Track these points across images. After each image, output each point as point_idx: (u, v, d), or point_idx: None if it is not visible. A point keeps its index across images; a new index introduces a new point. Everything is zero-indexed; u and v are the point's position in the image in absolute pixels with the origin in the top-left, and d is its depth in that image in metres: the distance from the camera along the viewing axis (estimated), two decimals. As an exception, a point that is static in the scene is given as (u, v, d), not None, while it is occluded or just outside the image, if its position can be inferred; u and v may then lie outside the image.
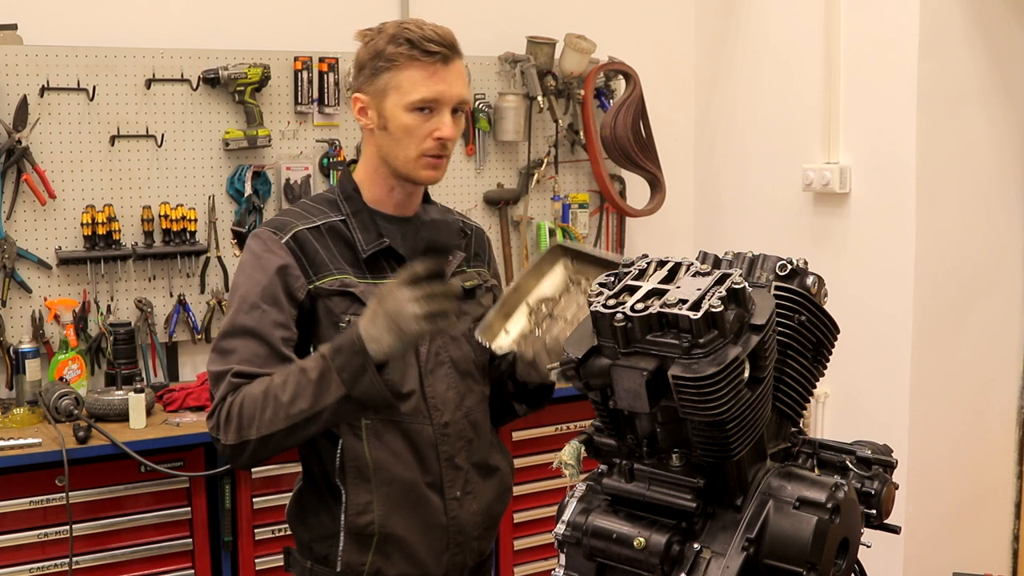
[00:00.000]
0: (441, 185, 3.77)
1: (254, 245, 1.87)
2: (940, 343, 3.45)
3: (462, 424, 1.93)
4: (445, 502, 1.91)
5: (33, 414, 2.96)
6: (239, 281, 1.87)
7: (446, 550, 1.93)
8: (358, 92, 1.90)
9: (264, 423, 1.73)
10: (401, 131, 1.85)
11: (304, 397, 1.70)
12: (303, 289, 1.84)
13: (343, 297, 1.85)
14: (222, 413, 1.77)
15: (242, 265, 1.88)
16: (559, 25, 3.88)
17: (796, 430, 1.33)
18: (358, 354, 1.68)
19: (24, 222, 3.18)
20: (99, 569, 2.81)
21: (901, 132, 3.35)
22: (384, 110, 1.86)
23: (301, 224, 1.88)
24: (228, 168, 3.45)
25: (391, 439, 1.87)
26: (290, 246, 1.85)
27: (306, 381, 1.71)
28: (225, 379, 1.78)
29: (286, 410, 1.71)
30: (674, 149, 4.20)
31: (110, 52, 3.26)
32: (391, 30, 1.86)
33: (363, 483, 1.86)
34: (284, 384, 1.73)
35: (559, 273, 1.90)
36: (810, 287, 1.29)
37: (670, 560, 1.18)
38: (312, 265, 1.86)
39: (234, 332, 1.82)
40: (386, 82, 1.85)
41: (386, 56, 1.84)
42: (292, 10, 3.53)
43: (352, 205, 1.92)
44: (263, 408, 1.73)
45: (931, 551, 3.45)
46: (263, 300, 1.82)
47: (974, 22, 3.39)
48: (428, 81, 1.84)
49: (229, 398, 1.77)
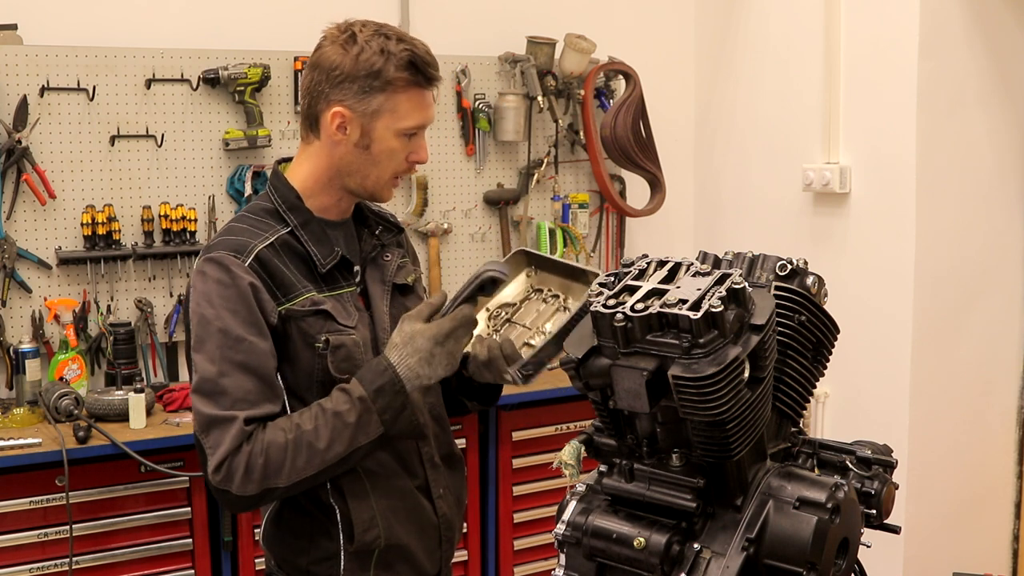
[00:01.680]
0: (441, 185, 3.80)
1: (215, 272, 1.73)
2: (940, 343, 3.45)
3: (429, 421, 1.92)
4: (433, 502, 1.91)
5: (33, 414, 2.97)
6: (209, 314, 1.71)
7: (439, 548, 1.94)
8: (340, 106, 1.76)
9: (296, 470, 1.67)
10: (384, 154, 1.79)
11: (341, 441, 1.69)
12: (274, 313, 1.74)
13: (316, 316, 1.77)
14: (238, 464, 1.65)
15: (206, 294, 1.72)
16: (559, 25, 3.88)
17: (796, 430, 1.33)
18: (399, 394, 1.70)
19: (24, 222, 3.18)
20: (99, 569, 2.82)
21: (901, 132, 3.35)
22: (372, 131, 1.78)
23: (258, 243, 1.76)
24: (228, 168, 3.45)
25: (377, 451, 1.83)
26: (254, 268, 1.74)
27: (342, 425, 1.69)
28: (232, 427, 1.66)
29: (322, 456, 1.68)
30: (674, 149, 4.20)
31: (110, 52, 3.26)
32: (382, 45, 1.75)
33: (363, 499, 1.82)
34: (316, 431, 1.68)
35: (521, 280, 1.90)
36: (810, 287, 1.29)
37: (670, 560, 1.18)
38: (280, 287, 1.76)
39: (223, 370, 1.69)
40: (380, 104, 1.76)
41: (385, 78, 1.75)
42: (292, 10, 3.53)
43: (299, 216, 1.81)
44: (294, 456, 1.67)
45: (931, 551, 3.45)
46: (247, 332, 1.71)
47: (974, 22, 3.39)
48: (423, 107, 1.80)
49: (245, 447, 1.66)
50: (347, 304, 1.84)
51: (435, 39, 3.74)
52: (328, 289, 1.82)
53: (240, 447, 1.66)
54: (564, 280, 1.88)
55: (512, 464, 3.35)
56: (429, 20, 3.72)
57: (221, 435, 1.66)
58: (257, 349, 1.71)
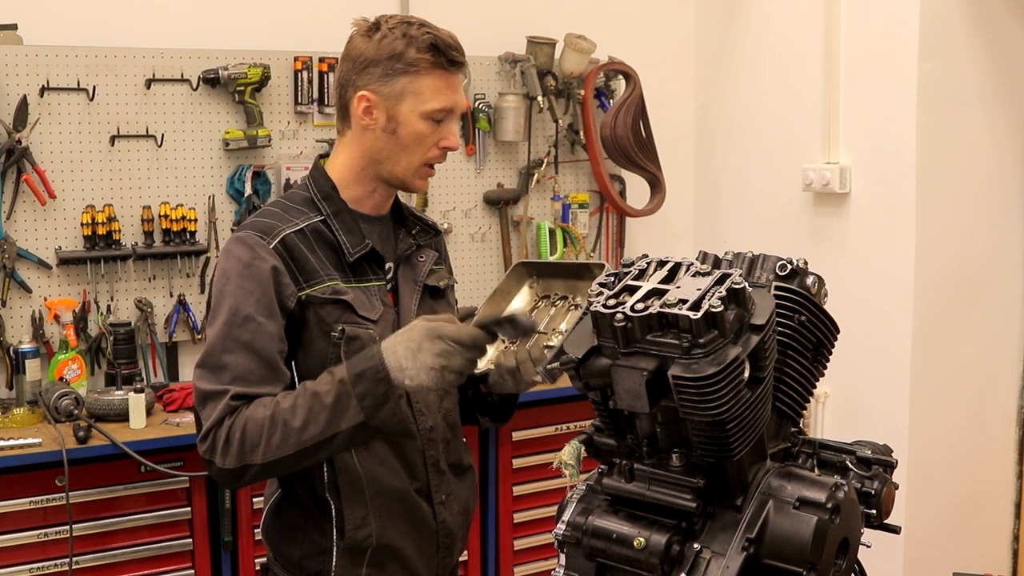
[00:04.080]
0: (441, 185, 3.79)
1: (239, 251, 1.76)
2: (940, 343, 3.45)
3: (442, 426, 1.92)
4: (433, 507, 1.90)
5: (33, 414, 2.97)
6: (226, 289, 1.75)
7: (436, 554, 1.92)
8: (366, 90, 1.80)
9: (271, 448, 1.66)
10: (412, 138, 1.80)
11: (317, 423, 1.64)
12: (293, 297, 1.76)
13: (335, 305, 1.78)
14: (219, 436, 1.68)
15: (226, 272, 1.76)
16: (559, 25, 3.88)
17: (796, 430, 1.33)
18: (382, 382, 1.62)
19: (24, 222, 3.18)
20: (99, 569, 2.82)
21: (901, 132, 3.35)
22: (397, 114, 1.79)
23: (286, 227, 1.79)
24: (228, 168, 3.45)
25: (379, 449, 1.83)
26: (279, 251, 1.76)
27: (320, 406, 1.64)
28: (222, 401, 1.69)
29: (297, 436, 1.65)
30: (674, 149, 4.20)
31: (110, 52, 3.26)
32: (404, 30, 1.79)
33: (358, 496, 1.82)
34: (294, 408, 1.66)
35: (525, 292, 1.89)
36: (810, 287, 1.29)
37: (670, 560, 1.18)
38: (302, 272, 1.78)
39: (227, 347, 1.71)
40: (404, 86, 1.78)
41: (407, 60, 1.77)
42: (292, 10, 3.53)
43: (332, 205, 1.84)
44: (270, 433, 1.65)
45: (931, 551, 3.45)
46: (257, 312, 1.72)
47: (974, 22, 3.39)
48: (447, 90, 1.80)
49: (227, 420, 1.68)
50: (373, 297, 1.84)
51: (435, 39, 3.77)
52: (355, 280, 1.83)
53: (223, 420, 1.68)
54: (568, 281, 1.87)
55: (512, 464, 3.35)
56: (429, 20, 3.71)
57: (212, 408, 1.70)
58: (264, 331, 1.72)
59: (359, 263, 1.84)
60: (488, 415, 2.00)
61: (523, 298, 1.87)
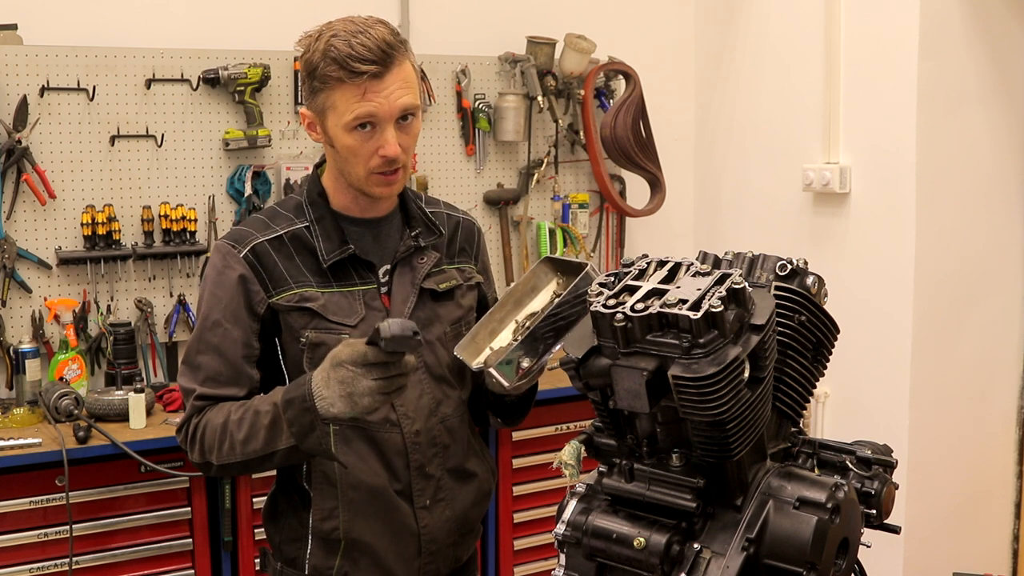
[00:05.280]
0: (441, 185, 3.80)
1: (215, 258, 1.87)
2: (940, 343, 3.45)
3: (437, 431, 1.90)
4: (415, 510, 1.88)
5: (33, 414, 2.97)
6: (204, 296, 1.88)
7: (417, 557, 1.89)
8: (303, 107, 1.84)
9: (223, 454, 1.78)
10: (346, 151, 1.79)
11: (256, 439, 1.74)
12: (263, 304, 1.84)
13: (301, 313, 1.83)
14: (188, 432, 1.84)
15: (206, 279, 1.89)
16: (559, 25, 3.88)
17: (796, 430, 1.33)
18: (308, 412, 1.66)
19: (24, 222, 3.18)
20: (99, 569, 2.81)
21: (901, 132, 3.35)
22: (327, 129, 1.80)
23: (261, 236, 1.85)
24: (228, 168, 3.45)
25: (359, 445, 1.84)
26: (248, 260, 1.83)
27: (259, 425, 1.73)
28: (190, 399, 1.84)
29: (241, 448, 1.75)
30: (674, 149, 4.20)
31: (110, 52, 3.26)
32: (326, 42, 1.75)
33: (329, 488, 1.85)
34: (240, 422, 1.76)
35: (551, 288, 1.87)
36: (810, 287, 1.29)
37: (670, 560, 1.18)
38: (271, 279, 1.84)
39: (200, 348, 1.85)
40: (323, 101, 1.78)
41: (319, 75, 1.76)
42: (292, 10, 3.52)
43: (316, 211, 1.88)
44: (221, 440, 1.77)
45: (931, 551, 3.45)
46: (224, 318, 1.83)
47: (974, 22, 3.39)
48: (362, 100, 1.74)
49: (194, 420, 1.83)
50: (355, 302, 1.85)
51: (435, 39, 3.78)
52: (337, 284, 1.85)
53: (191, 419, 1.84)
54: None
55: (512, 464, 3.35)
56: (429, 20, 3.72)
57: (186, 404, 1.87)
58: (229, 336, 1.83)
59: (342, 267, 1.86)
60: (501, 415, 1.99)
61: (547, 294, 1.85)
